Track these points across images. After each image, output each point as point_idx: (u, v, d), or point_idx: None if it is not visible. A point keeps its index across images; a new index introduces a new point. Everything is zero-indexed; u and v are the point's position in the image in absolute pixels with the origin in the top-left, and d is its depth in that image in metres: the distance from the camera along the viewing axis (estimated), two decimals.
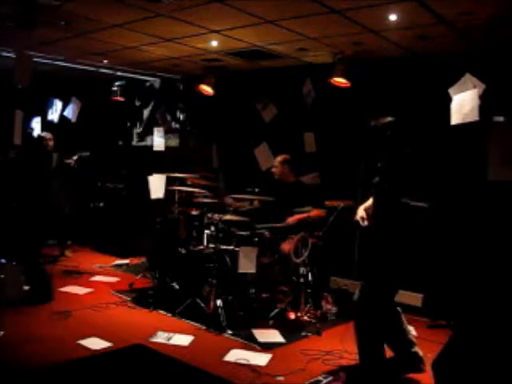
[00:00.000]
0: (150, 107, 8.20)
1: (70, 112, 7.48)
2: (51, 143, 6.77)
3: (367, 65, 5.70)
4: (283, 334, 4.35)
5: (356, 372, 3.56)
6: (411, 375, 3.58)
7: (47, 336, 3.96)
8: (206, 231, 5.14)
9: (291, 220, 5.05)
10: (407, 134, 3.61)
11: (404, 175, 3.42)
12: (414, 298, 5.27)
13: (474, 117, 4.47)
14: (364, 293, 3.42)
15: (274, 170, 5.49)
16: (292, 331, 4.44)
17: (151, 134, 7.65)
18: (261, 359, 3.80)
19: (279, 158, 5.46)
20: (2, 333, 3.88)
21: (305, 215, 4.99)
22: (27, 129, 7.83)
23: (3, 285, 4.55)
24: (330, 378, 3.51)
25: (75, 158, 6.77)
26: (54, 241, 7.00)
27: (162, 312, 4.79)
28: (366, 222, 3.53)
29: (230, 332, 4.32)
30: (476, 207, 4.86)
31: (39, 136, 6.88)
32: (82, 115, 7.63)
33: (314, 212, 4.98)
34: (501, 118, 4.76)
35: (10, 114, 4.58)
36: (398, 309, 3.64)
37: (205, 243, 5.13)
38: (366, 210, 3.60)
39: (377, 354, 3.39)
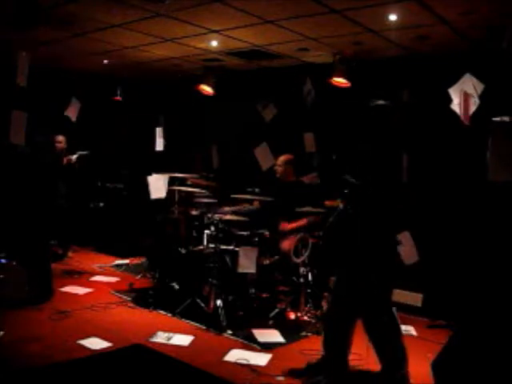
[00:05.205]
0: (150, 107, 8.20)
1: (70, 112, 7.45)
2: (61, 145, 6.77)
3: (367, 65, 5.69)
4: (283, 334, 4.35)
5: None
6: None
7: (47, 336, 3.96)
8: (206, 231, 5.14)
9: (285, 227, 5.04)
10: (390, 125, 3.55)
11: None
12: (414, 298, 5.26)
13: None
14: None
15: (276, 168, 5.48)
16: (292, 331, 4.44)
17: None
18: (261, 359, 3.80)
19: (282, 158, 5.45)
20: (1, 333, 3.88)
21: (302, 223, 4.99)
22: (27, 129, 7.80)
23: (3, 284, 4.54)
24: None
25: (75, 156, 6.76)
26: (55, 241, 7.00)
27: (161, 312, 4.79)
28: None
29: (229, 332, 4.32)
30: (475, 207, 4.86)
31: (51, 137, 6.87)
32: (82, 115, 7.62)
33: (312, 218, 4.99)
34: (500, 118, 4.75)
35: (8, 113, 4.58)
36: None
37: (205, 243, 5.14)
38: None
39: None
